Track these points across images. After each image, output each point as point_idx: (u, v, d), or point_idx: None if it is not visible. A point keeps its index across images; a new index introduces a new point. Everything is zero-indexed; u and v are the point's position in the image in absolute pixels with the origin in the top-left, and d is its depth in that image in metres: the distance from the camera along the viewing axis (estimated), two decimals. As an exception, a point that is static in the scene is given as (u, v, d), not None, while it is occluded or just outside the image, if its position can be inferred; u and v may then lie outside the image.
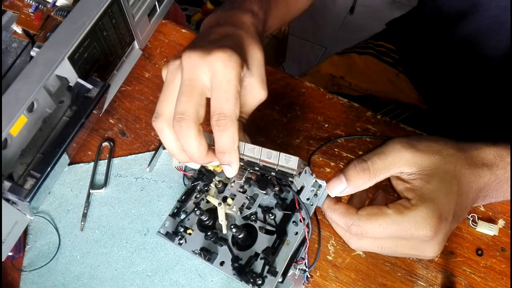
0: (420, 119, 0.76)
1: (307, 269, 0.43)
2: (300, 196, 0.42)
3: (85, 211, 0.56)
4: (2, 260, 0.50)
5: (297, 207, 0.41)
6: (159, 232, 0.46)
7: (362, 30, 0.94)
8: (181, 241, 0.45)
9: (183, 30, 0.66)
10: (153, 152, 0.58)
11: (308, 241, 0.42)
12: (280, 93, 0.61)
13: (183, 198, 0.48)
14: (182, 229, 0.46)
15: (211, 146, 0.40)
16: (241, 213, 0.44)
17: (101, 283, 0.52)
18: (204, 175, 0.47)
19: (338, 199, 0.41)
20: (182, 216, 0.47)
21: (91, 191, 0.56)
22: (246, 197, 0.45)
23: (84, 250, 0.54)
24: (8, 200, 0.47)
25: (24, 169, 0.48)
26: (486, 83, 0.68)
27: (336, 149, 0.57)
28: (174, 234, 0.46)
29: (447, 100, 0.75)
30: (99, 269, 0.53)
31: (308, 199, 0.42)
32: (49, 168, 0.47)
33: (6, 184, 0.46)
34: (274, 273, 0.39)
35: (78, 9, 0.50)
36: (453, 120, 0.74)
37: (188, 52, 0.38)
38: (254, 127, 0.59)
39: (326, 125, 0.59)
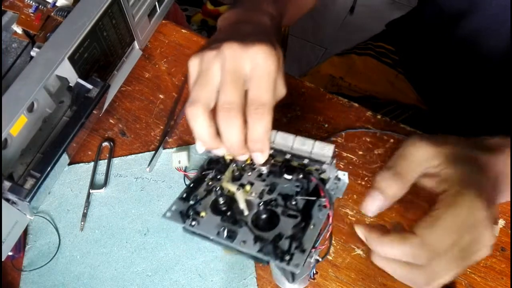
0: (419, 119, 0.76)
1: (320, 259, 0.44)
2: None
3: (85, 211, 0.56)
4: (2, 260, 0.50)
5: (322, 194, 0.42)
6: (165, 215, 0.43)
7: (362, 30, 0.94)
8: (193, 223, 0.42)
9: (183, 31, 0.66)
10: (153, 152, 0.58)
11: (331, 226, 0.42)
12: (280, 93, 0.61)
13: (191, 185, 0.47)
14: (193, 212, 0.43)
15: None
16: (260, 199, 0.44)
17: (101, 283, 0.52)
18: (219, 163, 0.47)
19: (385, 230, 0.38)
20: (191, 202, 0.44)
21: (91, 191, 0.56)
22: (266, 185, 0.45)
23: (84, 250, 0.54)
24: (8, 200, 0.47)
25: (24, 169, 0.48)
26: (486, 83, 0.68)
27: (336, 149, 0.57)
28: (186, 216, 0.43)
29: (447, 101, 0.75)
30: (99, 269, 0.53)
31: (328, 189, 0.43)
32: (49, 168, 0.47)
33: (6, 184, 0.46)
34: (302, 250, 0.39)
35: (78, 9, 0.50)
36: (453, 120, 0.74)
37: (229, 43, 0.38)
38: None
39: (326, 125, 0.59)
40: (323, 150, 0.42)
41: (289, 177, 0.44)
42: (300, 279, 0.45)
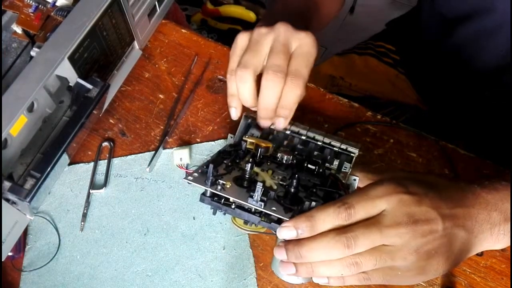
0: (419, 120, 0.76)
1: None
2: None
3: (85, 211, 0.56)
4: (2, 260, 0.50)
5: (341, 188, 0.45)
6: (186, 178, 0.43)
7: (362, 30, 0.94)
8: (219, 188, 0.43)
9: (183, 30, 0.66)
10: (153, 152, 0.58)
11: None
12: (280, 93, 0.61)
13: (215, 157, 0.48)
14: (217, 180, 0.43)
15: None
16: (281, 184, 0.46)
17: (101, 283, 0.52)
18: (239, 149, 0.50)
19: None
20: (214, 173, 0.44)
21: (91, 191, 0.56)
22: (286, 174, 0.48)
23: (84, 250, 0.54)
24: (8, 200, 0.47)
25: (24, 169, 0.48)
26: (486, 84, 0.68)
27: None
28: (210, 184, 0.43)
29: (447, 101, 0.75)
30: (99, 269, 0.53)
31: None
32: (49, 168, 0.47)
33: (6, 184, 0.46)
34: None
35: (78, 9, 0.50)
36: (453, 121, 0.74)
37: (283, 23, 0.45)
38: (254, 127, 0.59)
39: (326, 125, 0.59)
40: (348, 147, 0.50)
41: (312, 167, 0.49)
42: None
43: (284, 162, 0.50)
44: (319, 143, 0.51)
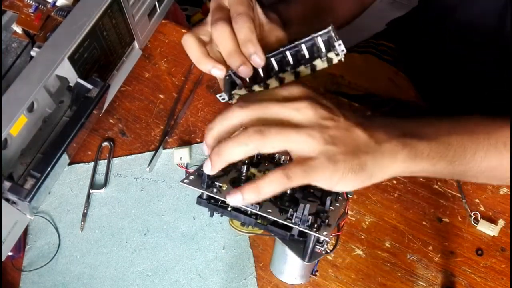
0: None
1: (329, 252, 0.45)
2: None
3: (85, 211, 0.56)
4: (2, 260, 0.50)
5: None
6: (182, 181, 0.43)
7: (362, 30, 0.94)
8: (214, 190, 0.43)
9: (183, 30, 0.66)
10: (153, 152, 0.58)
11: (346, 216, 0.45)
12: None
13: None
14: (213, 183, 0.43)
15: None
16: None
17: (101, 283, 0.52)
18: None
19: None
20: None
21: (91, 191, 0.56)
22: None
23: (84, 250, 0.54)
24: (8, 200, 0.47)
25: (24, 169, 0.48)
26: (485, 81, 0.68)
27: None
28: (206, 187, 0.43)
29: (447, 99, 0.75)
30: (99, 269, 0.53)
31: None
32: (49, 168, 0.47)
33: (6, 184, 0.46)
34: (328, 224, 0.41)
35: (78, 9, 0.50)
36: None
37: None
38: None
39: (326, 125, 0.59)
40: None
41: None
42: (303, 273, 0.45)
43: (282, 162, 0.50)
44: (302, 45, 0.45)
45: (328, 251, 0.44)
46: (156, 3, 0.62)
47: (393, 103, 0.78)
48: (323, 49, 0.44)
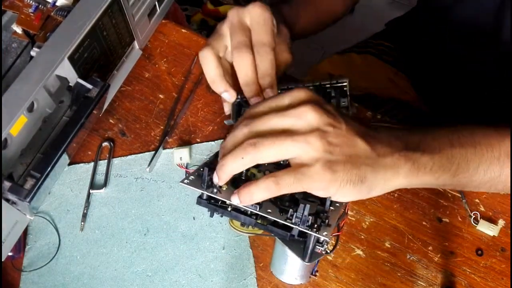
0: (419, 117, 0.76)
1: (329, 252, 0.45)
2: None
3: (85, 211, 0.56)
4: (2, 260, 0.50)
5: None
6: (182, 182, 0.43)
7: (362, 30, 0.94)
8: (215, 190, 0.43)
9: (183, 30, 0.66)
10: (153, 152, 0.58)
11: (346, 216, 0.46)
12: (280, 93, 0.61)
13: (207, 162, 0.48)
14: (213, 183, 0.43)
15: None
16: None
17: (101, 283, 0.52)
18: None
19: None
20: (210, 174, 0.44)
21: (91, 191, 0.56)
22: None
23: (84, 250, 0.54)
24: (8, 200, 0.47)
25: (24, 169, 0.48)
26: (485, 81, 0.68)
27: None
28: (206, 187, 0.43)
29: (447, 99, 0.75)
30: (99, 269, 0.53)
31: None
32: (49, 168, 0.47)
33: (6, 184, 0.46)
34: (328, 224, 0.40)
35: (78, 9, 0.50)
36: (452, 118, 0.74)
37: (233, 7, 0.48)
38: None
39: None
40: (339, 80, 0.52)
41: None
42: (304, 273, 0.45)
43: (282, 162, 0.49)
44: (310, 87, 0.51)
45: (328, 251, 0.44)
46: (156, 3, 0.62)
47: (392, 103, 0.78)
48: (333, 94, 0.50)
